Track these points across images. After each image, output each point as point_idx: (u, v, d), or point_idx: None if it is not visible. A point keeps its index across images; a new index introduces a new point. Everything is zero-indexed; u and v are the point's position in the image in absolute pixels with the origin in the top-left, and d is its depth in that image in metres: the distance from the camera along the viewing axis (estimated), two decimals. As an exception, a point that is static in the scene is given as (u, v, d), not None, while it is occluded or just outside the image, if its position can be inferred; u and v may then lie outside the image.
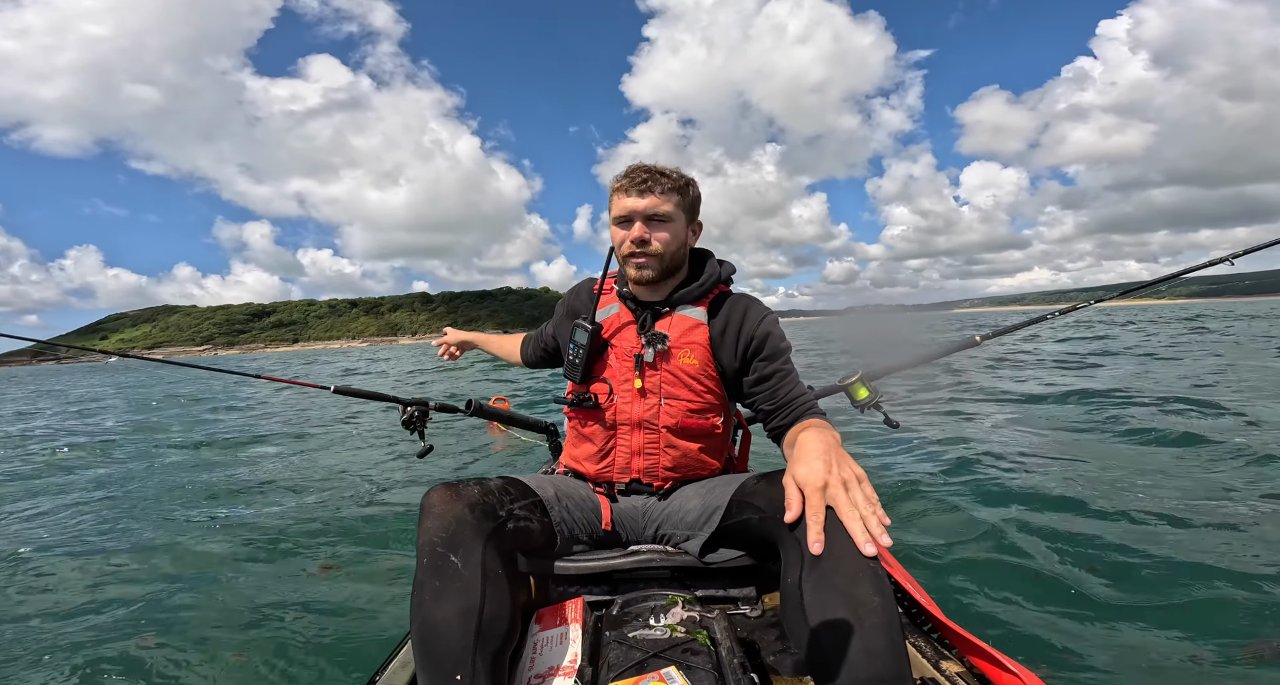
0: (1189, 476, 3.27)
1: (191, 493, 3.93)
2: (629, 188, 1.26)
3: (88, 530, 3.20)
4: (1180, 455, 3.72)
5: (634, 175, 1.26)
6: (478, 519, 0.97)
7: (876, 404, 1.93)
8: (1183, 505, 2.84)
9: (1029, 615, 1.94)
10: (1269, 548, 2.33)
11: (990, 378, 8.35)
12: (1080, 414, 5.28)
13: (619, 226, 1.28)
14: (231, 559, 2.69)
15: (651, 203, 1.24)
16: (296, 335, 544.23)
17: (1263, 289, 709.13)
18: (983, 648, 0.98)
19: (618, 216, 1.27)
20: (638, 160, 1.30)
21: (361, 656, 1.86)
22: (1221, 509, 2.77)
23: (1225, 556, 2.28)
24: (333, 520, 3.16)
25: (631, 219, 1.26)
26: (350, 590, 2.33)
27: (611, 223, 1.30)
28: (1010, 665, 0.92)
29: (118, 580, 2.51)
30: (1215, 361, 8.86)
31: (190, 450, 5.74)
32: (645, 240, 1.24)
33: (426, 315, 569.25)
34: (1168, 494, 2.99)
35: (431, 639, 0.85)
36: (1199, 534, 2.50)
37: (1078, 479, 3.31)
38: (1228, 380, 6.82)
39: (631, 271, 1.27)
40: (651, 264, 1.26)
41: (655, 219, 1.25)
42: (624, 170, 1.30)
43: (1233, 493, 2.98)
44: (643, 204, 1.24)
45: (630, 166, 1.30)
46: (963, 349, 2.07)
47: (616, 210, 1.27)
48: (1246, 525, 2.56)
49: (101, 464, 5.21)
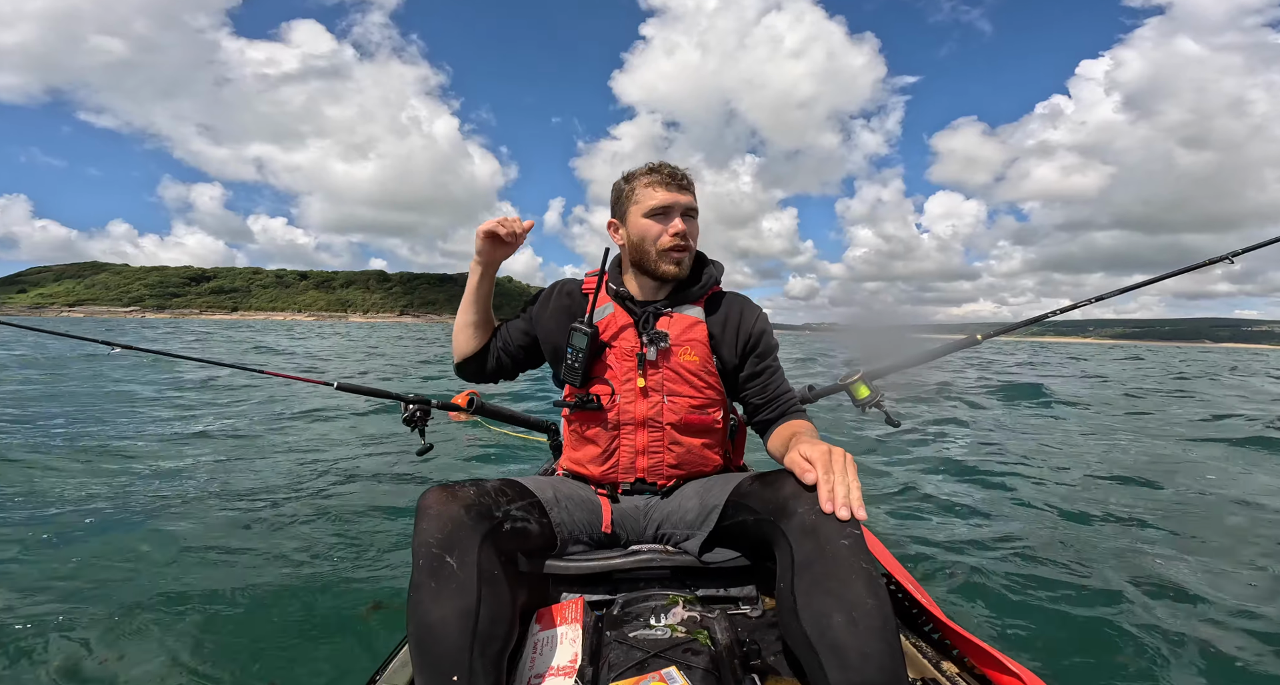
0: (1192, 477, 3.27)
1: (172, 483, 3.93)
2: (667, 182, 1.27)
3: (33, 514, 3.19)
4: (1184, 456, 3.72)
5: (669, 171, 1.29)
6: (474, 520, 0.97)
7: (878, 403, 1.93)
8: (1184, 506, 2.84)
9: (1029, 615, 1.94)
10: (1269, 548, 2.33)
11: (989, 373, 8.36)
12: (1079, 419, 5.28)
13: (654, 219, 1.27)
14: (230, 559, 2.69)
15: (690, 199, 1.28)
16: (236, 303, 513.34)
17: (1179, 336, 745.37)
18: (983, 648, 0.98)
19: (655, 208, 1.27)
20: (618, 158, 1.30)
21: (361, 657, 1.86)
22: (1221, 514, 2.77)
23: (1226, 557, 2.28)
24: (332, 520, 3.16)
25: (671, 212, 1.27)
26: (349, 590, 2.33)
27: (641, 215, 1.29)
28: (1010, 665, 0.92)
29: (105, 575, 2.50)
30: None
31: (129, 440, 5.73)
32: (686, 233, 1.27)
33: (381, 294, 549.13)
34: (1169, 494, 2.99)
35: (428, 640, 0.85)
36: (1201, 535, 2.50)
37: (1078, 479, 3.31)
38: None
39: (669, 267, 1.28)
40: (686, 258, 1.29)
41: (690, 214, 1.29)
42: (648, 166, 1.31)
43: (1235, 497, 2.98)
44: (684, 198, 1.27)
45: (655, 162, 1.31)
46: (963, 348, 2.07)
47: (654, 202, 1.27)
48: (1249, 526, 2.56)
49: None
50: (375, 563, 2.59)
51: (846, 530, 0.88)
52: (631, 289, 1.35)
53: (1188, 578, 2.12)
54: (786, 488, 0.99)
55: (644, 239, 1.29)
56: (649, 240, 1.28)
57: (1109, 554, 2.34)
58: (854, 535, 0.88)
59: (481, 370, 1.48)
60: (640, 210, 1.29)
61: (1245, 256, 1.68)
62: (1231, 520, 2.58)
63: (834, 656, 0.80)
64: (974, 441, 4.34)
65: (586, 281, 1.39)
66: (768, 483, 1.06)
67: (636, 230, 1.29)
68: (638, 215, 1.29)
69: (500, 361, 1.47)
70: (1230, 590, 2.02)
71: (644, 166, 1.31)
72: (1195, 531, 2.52)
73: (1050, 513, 2.87)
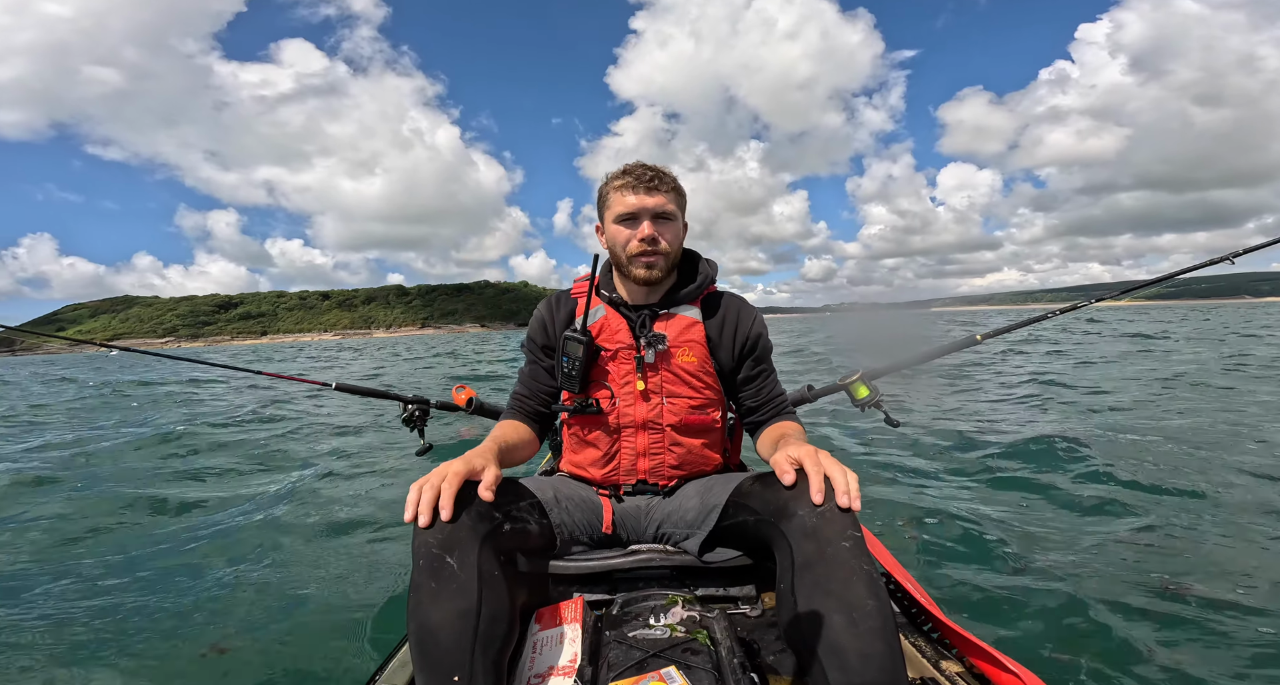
0: (1195, 477, 3.26)
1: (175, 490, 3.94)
2: (635, 185, 1.23)
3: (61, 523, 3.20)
4: (1188, 453, 3.72)
5: (638, 173, 1.24)
6: (473, 520, 0.96)
7: (877, 403, 1.93)
8: (1184, 510, 2.84)
9: (1029, 615, 1.94)
10: (1269, 549, 2.33)
11: (988, 373, 8.36)
12: (1076, 418, 5.28)
13: (623, 225, 1.25)
14: (230, 559, 2.69)
15: (659, 201, 1.24)
16: (265, 327, 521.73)
17: (1217, 293, 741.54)
18: (983, 648, 0.98)
19: (623, 214, 1.24)
20: (621, 154, 1.29)
21: (361, 657, 1.86)
22: (1228, 511, 2.77)
23: (1226, 558, 2.27)
24: (332, 520, 3.16)
25: (639, 217, 1.24)
26: (349, 590, 2.33)
27: (611, 221, 1.27)
28: (1010, 665, 0.92)
29: (103, 580, 2.51)
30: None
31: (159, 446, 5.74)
32: (655, 238, 1.23)
33: (402, 308, 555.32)
34: (1171, 496, 2.99)
35: (429, 641, 0.85)
36: (1202, 537, 2.49)
37: (1078, 480, 3.31)
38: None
39: (640, 271, 1.25)
40: (660, 263, 1.25)
41: (662, 217, 1.25)
42: (621, 168, 1.28)
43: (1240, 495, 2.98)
44: (651, 202, 1.23)
45: (629, 164, 1.28)
46: (963, 347, 2.07)
47: (621, 208, 1.24)
48: (1253, 527, 2.56)
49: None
50: (375, 563, 2.59)
51: (847, 532, 0.88)
52: (622, 293, 1.33)
53: (1196, 577, 2.12)
54: (787, 489, 0.99)
55: (615, 244, 1.27)
56: (619, 245, 1.26)
57: (1110, 553, 2.34)
58: (855, 537, 0.88)
59: (549, 431, 1.45)
60: (612, 215, 1.26)
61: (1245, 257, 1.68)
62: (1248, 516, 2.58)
63: (835, 657, 0.80)
64: (974, 441, 4.34)
65: (575, 287, 1.38)
66: (769, 483, 1.06)
67: (610, 235, 1.28)
68: (610, 220, 1.27)
69: (552, 413, 1.41)
70: (1239, 589, 2.02)
71: (620, 168, 1.29)
72: (1215, 528, 2.52)
73: (1051, 513, 2.87)
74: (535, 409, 1.39)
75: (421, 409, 2.08)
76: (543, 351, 1.38)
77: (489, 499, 0.96)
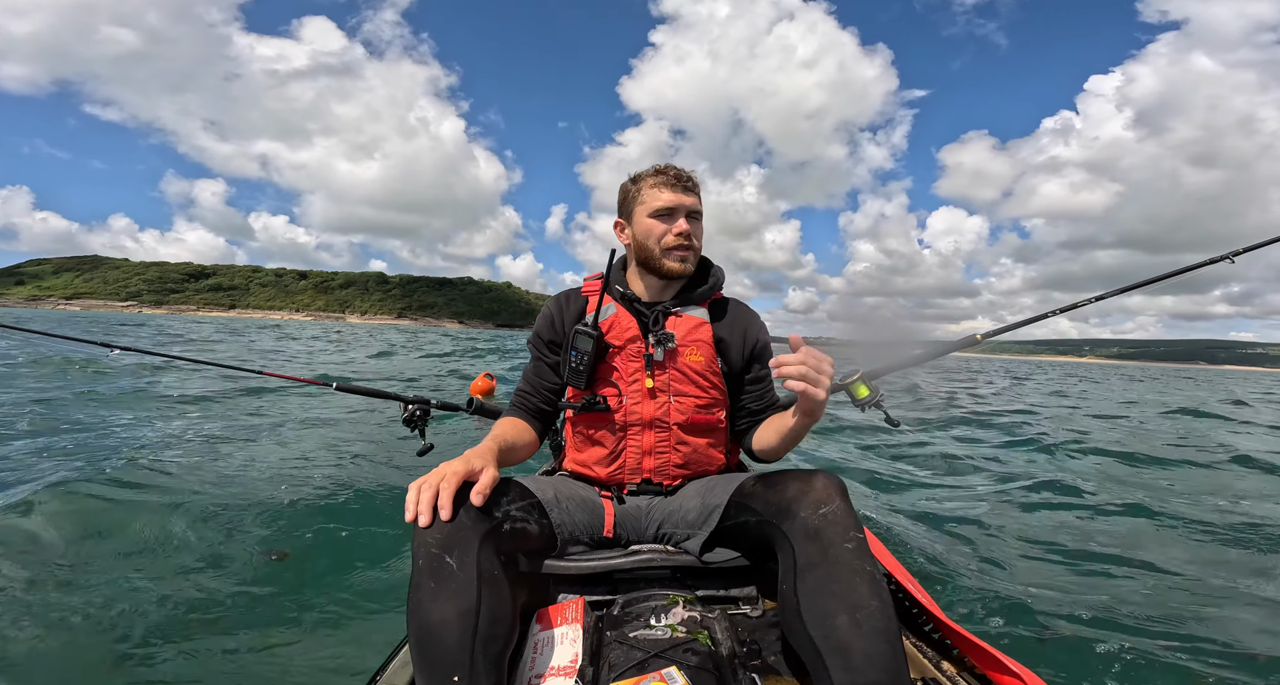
0: (1196, 480, 3.26)
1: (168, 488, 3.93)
2: (673, 184, 1.30)
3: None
4: (1189, 460, 3.72)
5: (675, 172, 1.32)
6: (473, 520, 0.96)
7: (877, 403, 1.92)
8: (1184, 510, 2.84)
9: (1029, 615, 1.94)
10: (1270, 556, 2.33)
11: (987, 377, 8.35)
12: (1073, 424, 5.28)
13: (659, 219, 1.30)
14: (229, 560, 2.69)
15: (693, 200, 1.31)
16: (234, 301, 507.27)
17: (1174, 356, 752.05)
18: (983, 648, 0.98)
19: (660, 209, 1.29)
20: (624, 164, 1.32)
21: (361, 657, 1.86)
22: (1226, 520, 2.77)
23: (1228, 559, 2.27)
24: (332, 520, 3.16)
25: (675, 213, 1.30)
26: (349, 590, 2.33)
27: (646, 216, 1.31)
28: (1010, 665, 0.92)
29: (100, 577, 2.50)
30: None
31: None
32: (689, 234, 1.29)
33: (380, 296, 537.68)
34: (1173, 497, 2.99)
35: (429, 640, 0.85)
36: (1204, 538, 2.49)
37: (1077, 481, 3.31)
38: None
39: (674, 265, 1.30)
40: (691, 258, 1.32)
41: (695, 216, 1.32)
42: (653, 168, 1.34)
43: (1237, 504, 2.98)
44: (689, 200, 1.30)
45: (662, 165, 1.35)
46: (963, 347, 2.07)
47: (659, 203, 1.29)
48: (1251, 532, 2.56)
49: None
50: (375, 563, 2.59)
51: (850, 534, 0.89)
52: (637, 290, 1.36)
53: (1192, 577, 2.12)
54: (789, 490, 1.00)
55: (649, 237, 1.31)
56: (653, 238, 1.30)
57: (1110, 553, 2.34)
58: (857, 538, 0.89)
59: (549, 430, 1.45)
60: (645, 210, 1.31)
61: (1246, 256, 1.68)
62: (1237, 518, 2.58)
63: (838, 657, 0.80)
64: (974, 440, 4.34)
65: (587, 284, 1.41)
66: (770, 484, 1.06)
67: (642, 229, 1.32)
68: (643, 215, 1.31)
69: (555, 410, 1.42)
70: (1236, 588, 2.02)
71: (651, 168, 1.34)
72: (1214, 536, 2.52)
73: (1050, 512, 2.87)
74: (538, 406, 1.40)
75: (422, 409, 2.09)
76: (549, 347, 1.39)
77: (479, 504, 0.97)
